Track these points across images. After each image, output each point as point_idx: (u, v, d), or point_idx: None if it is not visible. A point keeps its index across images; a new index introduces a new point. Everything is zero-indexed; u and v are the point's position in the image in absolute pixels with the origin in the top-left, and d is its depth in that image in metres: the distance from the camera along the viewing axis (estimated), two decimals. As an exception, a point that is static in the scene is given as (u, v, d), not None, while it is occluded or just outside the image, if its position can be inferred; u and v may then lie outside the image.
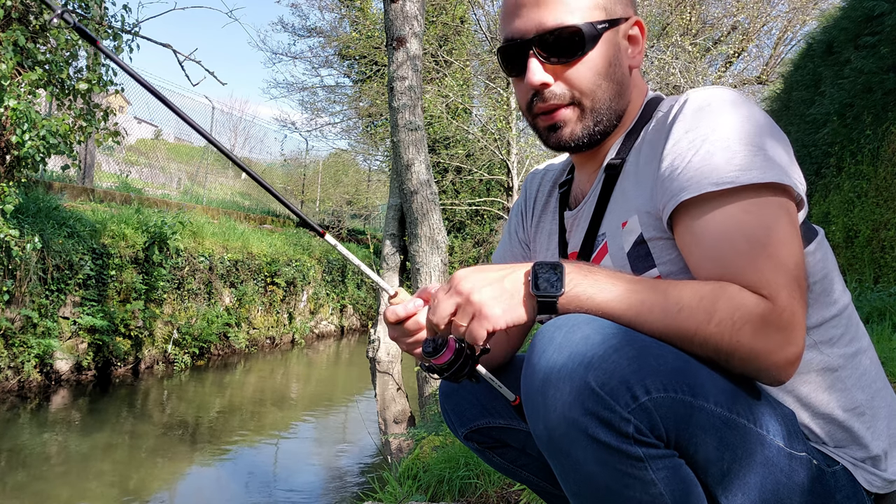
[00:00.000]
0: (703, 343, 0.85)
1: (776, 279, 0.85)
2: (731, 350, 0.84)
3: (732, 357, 0.85)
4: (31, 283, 6.69)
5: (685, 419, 0.83)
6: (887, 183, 5.27)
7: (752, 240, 0.87)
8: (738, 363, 0.85)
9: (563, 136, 1.07)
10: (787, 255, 0.87)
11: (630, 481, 0.82)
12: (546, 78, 1.04)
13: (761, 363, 0.84)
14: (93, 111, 5.83)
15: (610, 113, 1.07)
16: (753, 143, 0.90)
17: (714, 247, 0.89)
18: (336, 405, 8.34)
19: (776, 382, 0.87)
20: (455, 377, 0.99)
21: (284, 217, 15.99)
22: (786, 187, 0.89)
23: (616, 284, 0.89)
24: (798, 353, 0.85)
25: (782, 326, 0.84)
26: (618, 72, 1.06)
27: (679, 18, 12.98)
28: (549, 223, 1.26)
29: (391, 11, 5.20)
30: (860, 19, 5.97)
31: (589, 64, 1.04)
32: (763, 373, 0.86)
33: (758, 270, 0.86)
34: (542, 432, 0.84)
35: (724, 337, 0.84)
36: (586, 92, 1.05)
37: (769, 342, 0.83)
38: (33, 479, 4.81)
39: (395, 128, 5.24)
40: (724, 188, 0.88)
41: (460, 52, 14.89)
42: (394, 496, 2.86)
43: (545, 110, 1.07)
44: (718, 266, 0.88)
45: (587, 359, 0.80)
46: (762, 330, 0.83)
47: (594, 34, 1.03)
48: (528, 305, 0.90)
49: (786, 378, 0.86)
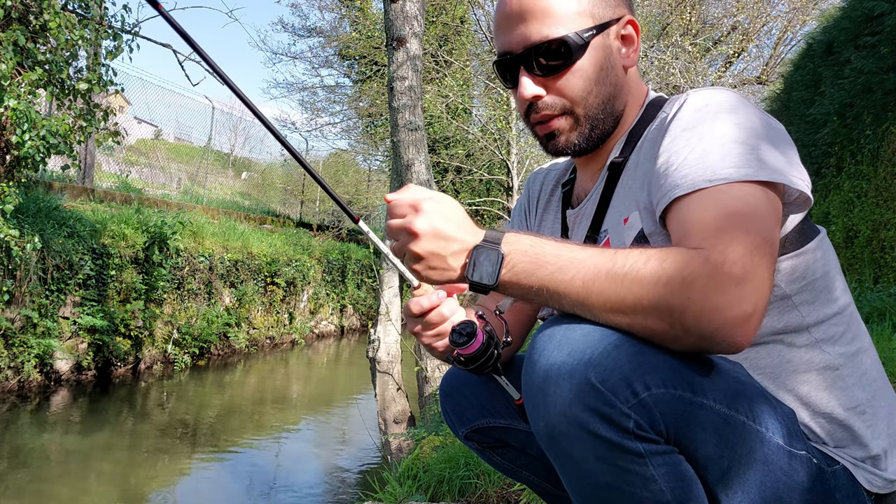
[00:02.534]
0: (654, 305, 0.80)
1: (734, 238, 0.82)
2: (683, 308, 0.79)
3: (685, 317, 0.79)
4: (31, 283, 6.69)
5: (685, 415, 0.83)
6: (887, 183, 5.27)
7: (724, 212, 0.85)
8: (691, 323, 0.79)
9: (559, 144, 1.09)
10: (755, 223, 0.84)
11: (630, 477, 0.82)
12: (537, 91, 1.06)
13: (713, 321, 0.79)
14: (93, 111, 5.83)
15: (605, 116, 1.08)
16: (750, 143, 0.90)
17: (685, 219, 0.88)
18: (336, 405, 8.34)
19: (731, 348, 0.81)
20: (482, 368, 1.00)
21: (284, 217, 16.00)
22: (779, 187, 0.89)
23: (563, 253, 0.87)
24: (753, 311, 0.79)
25: (734, 281, 0.79)
26: (611, 75, 1.07)
27: (679, 18, 12.98)
28: (551, 221, 1.27)
29: (391, 11, 5.20)
30: (860, 19, 5.97)
31: (578, 73, 1.04)
32: (717, 334, 0.79)
33: (718, 232, 0.83)
34: (543, 429, 0.84)
35: (674, 295, 0.79)
36: (577, 101, 1.06)
37: (720, 297, 0.78)
38: (33, 479, 4.81)
39: (395, 128, 5.24)
40: (717, 184, 0.87)
41: (460, 52, 14.89)
42: (394, 496, 2.86)
43: (539, 121, 1.09)
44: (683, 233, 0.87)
45: (587, 355, 0.81)
46: (713, 283, 0.79)
47: (581, 43, 1.03)
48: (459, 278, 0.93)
49: (740, 342, 0.80)
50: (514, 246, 0.89)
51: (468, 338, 1.00)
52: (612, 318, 0.83)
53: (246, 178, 21.09)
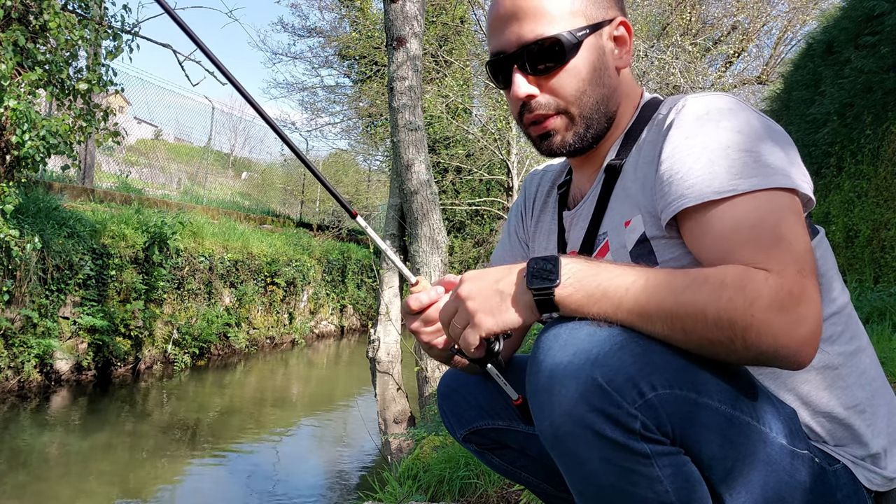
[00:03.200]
0: (717, 319, 0.80)
1: (783, 257, 0.83)
2: (747, 325, 0.79)
3: (748, 333, 0.80)
4: (31, 283, 6.69)
5: (690, 416, 0.83)
6: (887, 183, 5.27)
7: (757, 226, 0.86)
8: (754, 340, 0.80)
9: (554, 144, 1.09)
10: (794, 239, 0.86)
11: (636, 478, 0.82)
12: (531, 90, 1.06)
13: (779, 340, 0.80)
14: (93, 111, 5.82)
15: (600, 117, 1.08)
16: (753, 150, 0.90)
17: (721, 235, 0.88)
18: (336, 405, 8.34)
19: (795, 364, 0.82)
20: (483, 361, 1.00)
21: (284, 217, 16.00)
22: (790, 190, 0.90)
23: (617, 266, 0.88)
24: (814, 331, 0.81)
25: (795, 301, 0.80)
26: (604, 75, 1.07)
27: (679, 18, 12.98)
28: (548, 223, 1.27)
29: (391, 11, 5.20)
30: (860, 19, 5.97)
31: (572, 72, 1.04)
32: (781, 351, 0.80)
33: (764, 250, 0.84)
34: (548, 430, 0.84)
35: (737, 310, 0.79)
36: (571, 100, 1.06)
37: (785, 317, 0.79)
38: (33, 479, 4.81)
39: (395, 128, 5.24)
40: (725, 196, 0.88)
41: (460, 52, 14.89)
42: (394, 496, 2.86)
43: (534, 120, 1.08)
44: (725, 251, 0.87)
45: (593, 355, 0.81)
46: (776, 304, 0.80)
47: (574, 42, 1.03)
48: (522, 303, 0.90)
49: (805, 359, 0.82)
50: (567, 257, 0.90)
51: None
52: (669, 328, 0.83)
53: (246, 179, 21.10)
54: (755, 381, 0.93)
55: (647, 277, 0.85)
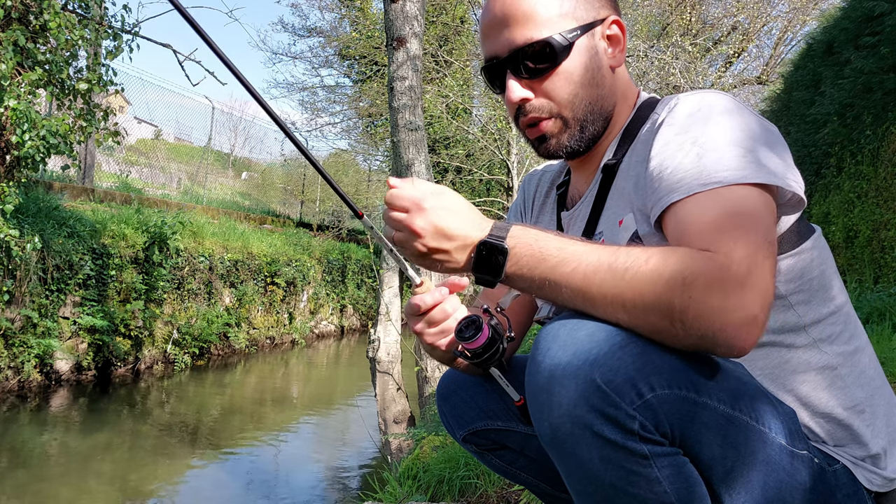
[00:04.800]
0: (655, 302, 0.80)
1: (735, 241, 0.81)
2: (684, 307, 0.78)
3: (685, 315, 0.79)
4: (31, 283, 6.69)
5: (689, 416, 0.83)
6: (887, 183, 5.27)
7: (724, 213, 0.85)
8: (692, 322, 0.79)
9: (550, 147, 1.10)
10: (754, 225, 0.84)
11: (635, 479, 0.82)
12: (524, 94, 1.06)
13: (715, 322, 0.78)
14: (93, 111, 5.82)
15: (595, 118, 1.08)
16: (743, 146, 0.90)
17: (684, 219, 0.88)
18: (336, 405, 8.34)
19: (734, 350, 0.80)
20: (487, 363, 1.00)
21: (284, 217, 15.99)
22: (774, 189, 0.90)
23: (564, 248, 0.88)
24: (754, 316, 0.78)
25: (736, 284, 0.78)
26: (597, 76, 1.07)
27: (679, 18, 12.98)
28: (546, 223, 1.27)
29: (391, 11, 5.20)
30: (860, 19, 5.97)
31: (564, 75, 1.05)
32: (719, 335, 0.79)
33: (718, 233, 0.83)
34: (547, 430, 0.84)
35: (675, 293, 0.79)
36: (564, 103, 1.06)
37: (723, 300, 0.78)
38: (33, 479, 4.81)
39: (396, 128, 5.24)
40: (713, 187, 0.87)
41: (460, 52, 14.88)
42: (394, 496, 2.86)
43: (529, 123, 1.09)
44: (682, 233, 0.87)
45: (592, 356, 0.80)
46: (716, 284, 0.78)
47: (565, 45, 1.04)
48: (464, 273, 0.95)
49: (743, 345, 0.79)
50: (518, 240, 0.90)
51: (475, 331, 1.00)
52: (612, 313, 0.83)
53: (246, 178, 21.10)
54: (755, 381, 0.93)
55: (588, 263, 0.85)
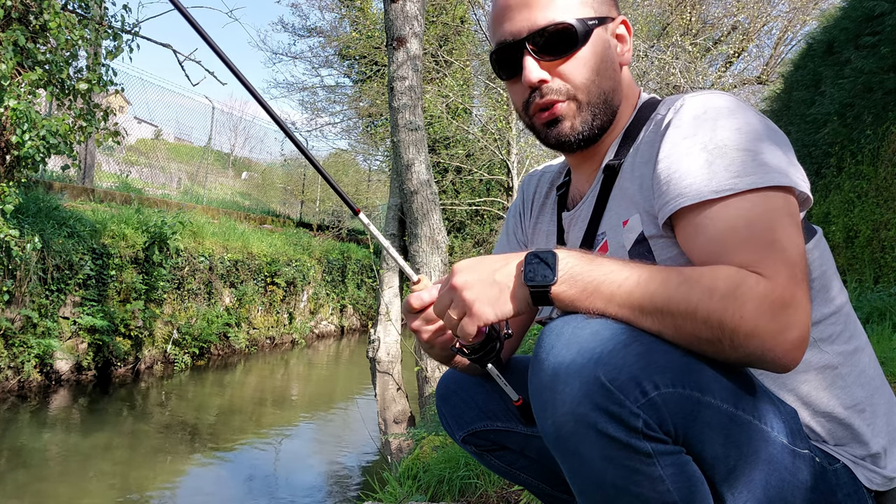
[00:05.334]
0: (706, 318, 0.82)
1: (776, 261, 0.84)
2: (735, 326, 0.81)
3: (736, 334, 0.81)
4: (31, 283, 6.69)
5: (692, 415, 0.83)
6: (887, 183, 5.26)
7: (751, 227, 0.87)
8: (742, 341, 0.81)
9: (563, 131, 1.08)
10: (787, 242, 0.86)
11: (638, 477, 0.82)
12: (543, 75, 1.06)
13: (766, 343, 0.81)
14: (93, 111, 5.82)
15: (605, 108, 1.08)
16: (751, 149, 0.90)
17: (715, 236, 0.89)
18: (336, 405, 8.34)
19: (781, 367, 0.84)
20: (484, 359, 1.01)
21: (284, 217, 15.99)
22: (787, 188, 0.90)
23: (613, 262, 0.89)
24: (802, 337, 0.82)
25: (784, 307, 0.81)
26: (609, 68, 1.08)
27: (679, 18, 12.97)
28: (546, 223, 1.27)
29: (391, 11, 5.20)
30: (860, 19, 5.97)
31: (582, 60, 1.05)
32: (768, 354, 0.82)
33: (757, 251, 0.85)
34: (551, 428, 0.84)
35: (727, 311, 0.81)
36: (581, 87, 1.06)
37: (773, 321, 0.81)
38: (33, 479, 4.81)
39: (396, 128, 5.23)
40: (723, 195, 0.88)
41: (460, 52, 14.88)
42: (394, 496, 2.86)
43: (543, 106, 1.08)
44: (719, 251, 0.88)
45: (596, 354, 0.81)
46: (765, 307, 0.81)
47: (585, 30, 1.05)
48: (519, 297, 0.92)
49: (791, 363, 0.83)
50: (565, 251, 0.91)
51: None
52: (660, 323, 0.84)
53: (246, 178, 21.10)
54: (757, 381, 0.93)
55: (641, 273, 0.86)
